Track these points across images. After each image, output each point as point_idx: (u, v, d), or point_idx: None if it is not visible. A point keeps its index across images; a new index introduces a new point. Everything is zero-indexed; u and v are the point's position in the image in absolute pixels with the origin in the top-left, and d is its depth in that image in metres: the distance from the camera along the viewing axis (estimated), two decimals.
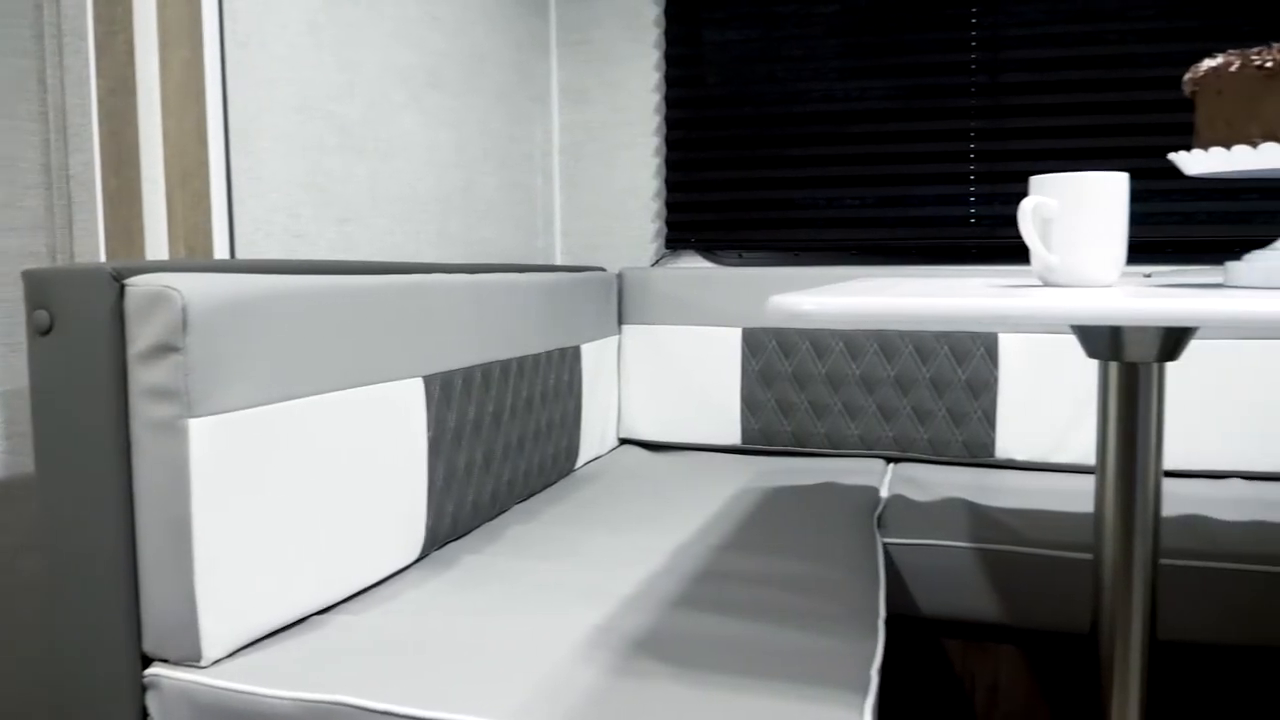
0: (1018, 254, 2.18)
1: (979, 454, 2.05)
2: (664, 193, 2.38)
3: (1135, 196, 2.11)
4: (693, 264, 2.39)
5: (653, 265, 2.39)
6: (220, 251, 1.37)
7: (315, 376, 1.17)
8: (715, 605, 1.19)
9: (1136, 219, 2.12)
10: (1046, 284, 1.13)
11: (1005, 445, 2.03)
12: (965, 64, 2.18)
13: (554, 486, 1.86)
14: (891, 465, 2.08)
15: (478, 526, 1.57)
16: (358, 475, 1.24)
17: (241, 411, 1.06)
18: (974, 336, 2.04)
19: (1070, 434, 1.99)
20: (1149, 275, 1.96)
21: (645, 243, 2.41)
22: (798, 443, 2.13)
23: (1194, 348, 1.94)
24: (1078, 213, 1.09)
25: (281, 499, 1.11)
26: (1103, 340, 1.16)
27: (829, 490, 1.78)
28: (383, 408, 1.29)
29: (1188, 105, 2.08)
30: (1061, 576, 1.51)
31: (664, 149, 2.38)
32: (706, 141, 2.33)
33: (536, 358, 1.77)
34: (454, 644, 1.08)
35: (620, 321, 2.25)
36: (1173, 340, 1.14)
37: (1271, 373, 1.91)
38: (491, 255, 2.14)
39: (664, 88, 2.37)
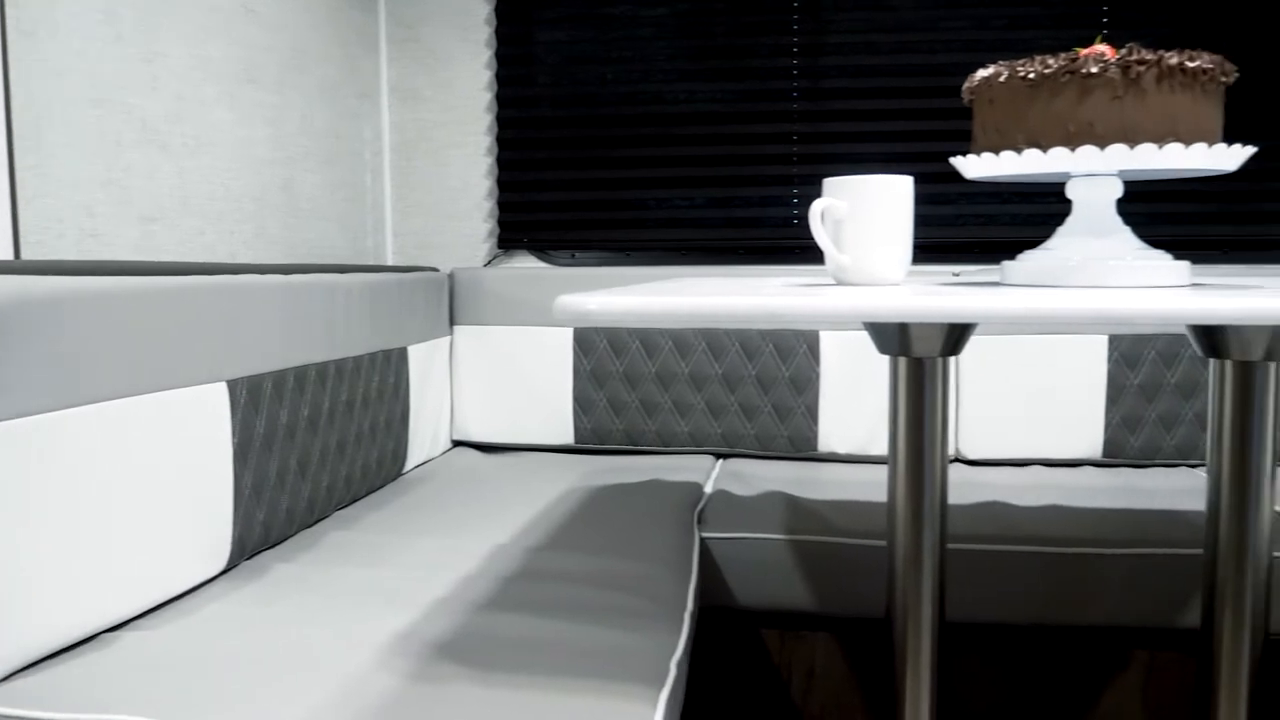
0: None
1: (803, 448, 2.11)
2: (496, 192, 2.37)
3: (941, 198, 2.21)
4: (525, 264, 2.39)
5: (485, 265, 2.38)
6: (2, 253, 1.30)
7: (105, 382, 1.12)
8: (523, 606, 1.19)
9: (947, 220, 2.22)
10: (840, 283, 1.17)
11: (827, 439, 2.10)
12: (788, 69, 2.24)
13: (379, 491, 1.83)
14: (720, 461, 2.12)
15: (293, 534, 1.53)
16: (154, 484, 1.19)
17: (21, 419, 1.01)
18: (797, 334, 2.10)
19: (884, 427, 2.07)
20: (957, 274, 2.06)
21: (478, 243, 2.39)
22: (630, 441, 2.16)
23: (997, 342, 2.05)
24: (865, 214, 1.13)
25: (66, 510, 1.06)
26: (891, 337, 1.21)
27: (654, 488, 1.81)
28: (181, 414, 1.24)
29: None
30: (869, 564, 1.57)
31: (496, 148, 2.37)
32: (539, 141, 2.33)
33: (358, 360, 1.74)
34: (248, 657, 1.06)
35: (452, 322, 2.23)
36: (955, 336, 1.20)
37: (1070, 365, 2.03)
38: (316, 255, 2.09)
39: (495, 87, 2.36)
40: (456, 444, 2.25)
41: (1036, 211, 2.20)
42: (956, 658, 1.62)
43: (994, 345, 2.05)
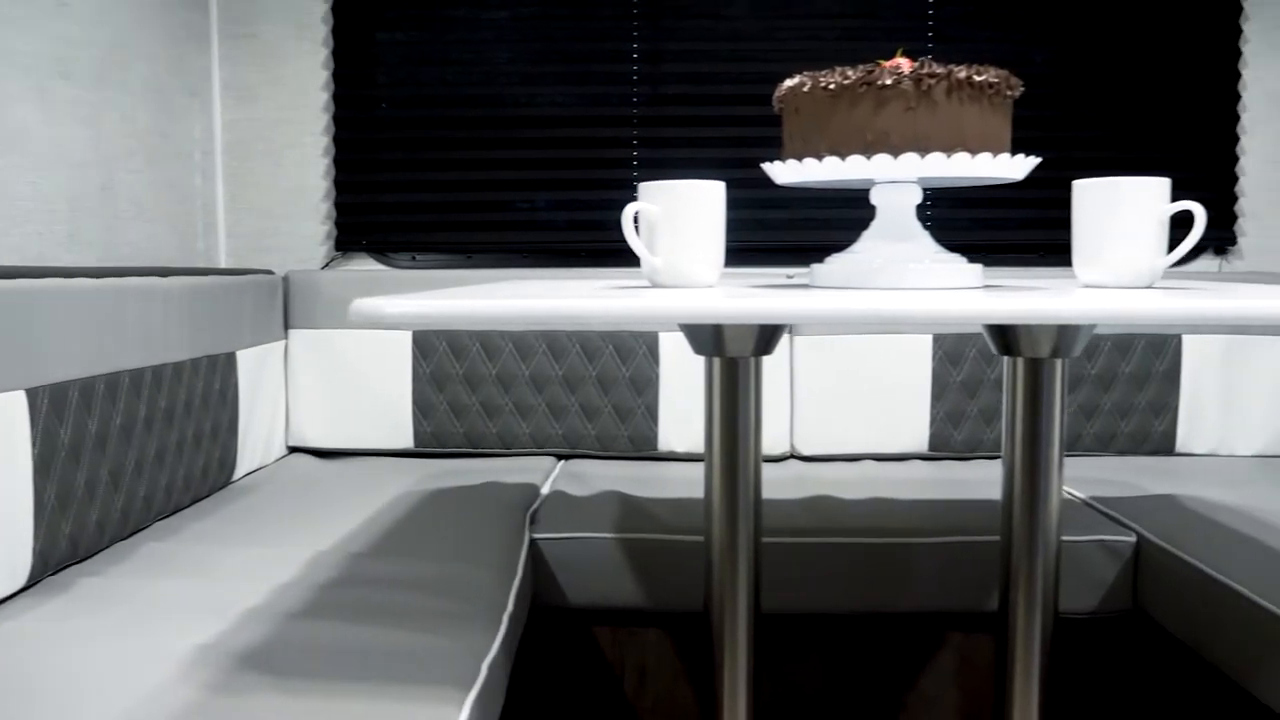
0: None
1: (643, 448, 2.13)
2: (334, 194, 2.32)
3: (773, 203, 2.26)
4: (365, 266, 2.35)
5: (323, 268, 2.33)
6: None
7: None
8: (335, 613, 1.17)
9: (774, 224, 2.28)
10: (655, 285, 1.19)
11: (667, 439, 2.13)
12: (628, 75, 2.26)
13: (205, 501, 1.77)
14: (561, 462, 2.13)
15: (106, 547, 1.47)
16: None
17: None
18: (636, 336, 2.12)
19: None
20: (791, 277, 2.12)
21: (316, 245, 2.34)
22: (471, 444, 2.15)
23: (829, 342, 2.11)
24: (677, 218, 1.16)
25: None
26: (706, 338, 1.24)
27: (489, 490, 1.80)
28: None
29: None
30: (697, 559, 1.60)
31: (334, 149, 2.32)
32: (378, 142, 2.30)
33: (179, 366, 1.68)
34: (41, 675, 1.01)
35: (287, 326, 2.18)
36: (767, 336, 1.24)
37: (897, 363, 2.11)
38: (140, 258, 2.01)
39: (333, 86, 2.31)
40: (292, 450, 2.20)
41: (854, 216, 2.27)
42: (782, 648, 1.67)
43: (826, 345, 2.12)
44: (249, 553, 1.43)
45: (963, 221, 2.28)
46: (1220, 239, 2.27)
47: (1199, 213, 1.13)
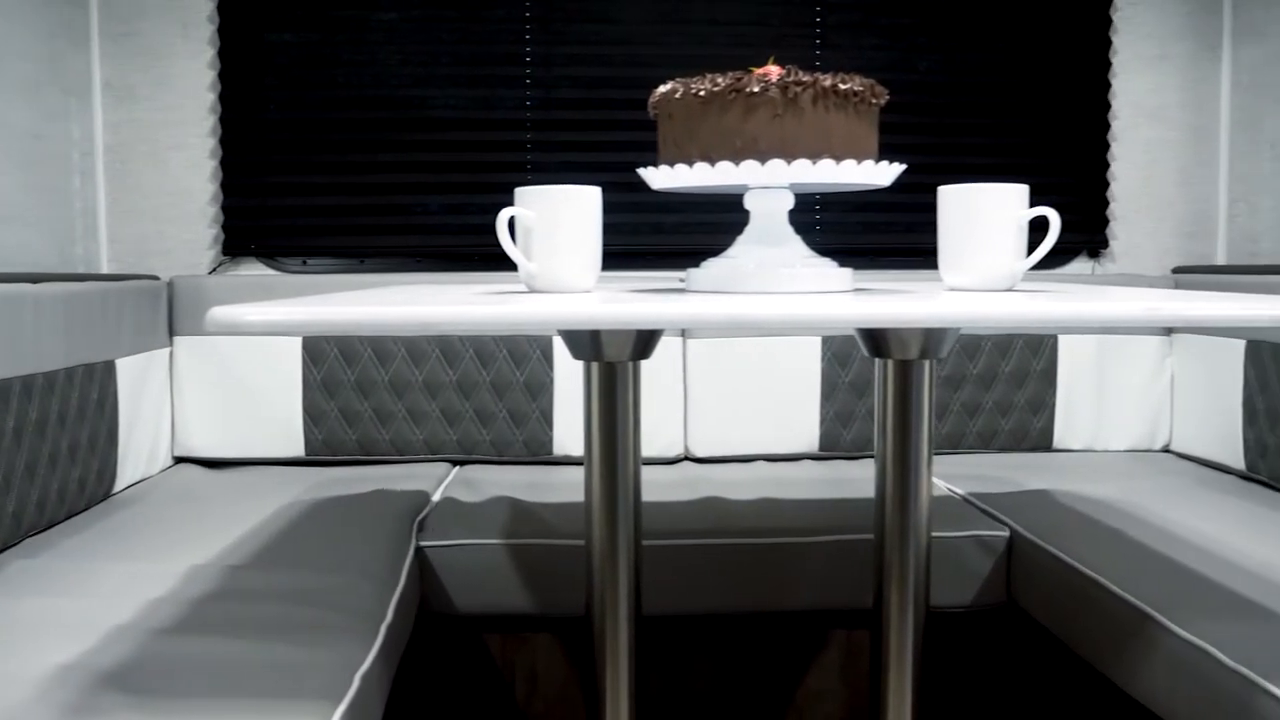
0: None
1: (539, 452, 2.13)
2: (221, 197, 2.27)
3: (657, 207, 2.28)
4: (254, 271, 2.30)
5: (210, 273, 2.28)
6: None
7: None
8: (207, 628, 1.15)
9: (670, 228, 2.30)
10: (531, 290, 1.20)
11: (562, 443, 2.13)
12: (521, 78, 2.26)
13: (82, 515, 1.72)
14: (456, 468, 2.12)
15: None
16: None
17: None
18: (530, 340, 2.12)
19: None
20: (684, 280, 2.14)
21: (203, 249, 2.29)
22: (363, 451, 2.12)
23: (721, 345, 2.14)
24: (554, 223, 1.16)
25: None
26: (584, 342, 1.24)
27: (378, 498, 1.78)
28: None
29: None
30: (584, 564, 1.61)
31: (221, 151, 2.27)
32: (267, 145, 2.26)
33: (51, 375, 1.63)
34: None
35: (172, 333, 2.12)
36: (644, 340, 1.25)
37: (787, 365, 2.15)
38: (13, 265, 1.94)
39: (220, 87, 2.26)
40: (179, 461, 2.14)
41: (741, 220, 2.29)
42: (671, 649, 1.68)
43: (719, 348, 2.14)
44: (122, 568, 1.39)
45: (853, 225, 2.33)
46: (1093, 243, 2.36)
47: (1054, 218, 1.17)
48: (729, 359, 2.15)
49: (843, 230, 2.32)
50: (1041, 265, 2.36)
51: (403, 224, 2.29)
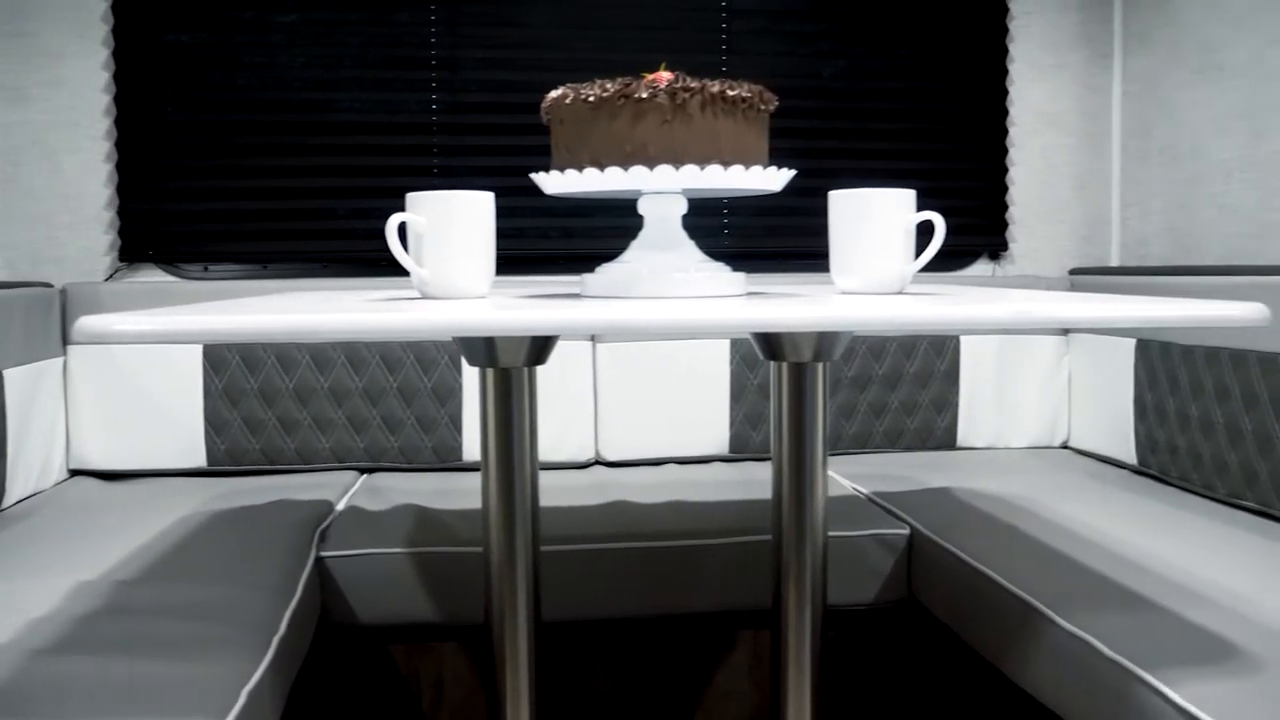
0: None
1: (448, 458, 2.12)
2: (118, 202, 2.21)
3: (565, 210, 2.28)
4: (153, 278, 2.25)
5: (106, 280, 2.22)
6: None
7: None
8: (89, 647, 1.12)
9: (579, 232, 2.30)
10: (425, 296, 1.19)
11: (471, 448, 2.12)
12: (427, 81, 2.24)
13: None
14: (363, 476, 2.09)
15: None
16: None
17: None
18: (438, 345, 2.11)
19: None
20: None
21: (99, 256, 2.22)
22: (268, 460, 2.08)
23: (631, 349, 2.14)
24: (445, 229, 1.15)
25: None
26: (479, 349, 1.24)
27: (280, 508, 1.75)
28: None
29: None
30: (444, 570, 1.60)
31: (117, 155, 2.21)
32: (165, 148, 2.20)
33: None
34: None
35: (65, 342, 2.06)
36: (539, 346, 1.25)
37: (697, 368, 2.16)
38: None
39: (114, 89, 2.20)
40: (75, 473, 2.08)
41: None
42: (578, 655, 1.68)
43: (629, 351, 2.15)
44: (3, 586, 1.35)
45: (759, 229, 2.35)
46: (993, 245, 2.42)
47: (939, 222, 1.20)
48: (639, 363, 2.16)
49: (750, 234, 2.35)
50: (944, 268, 2.42)
51: (307, 229, 2.25)
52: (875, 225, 1.21)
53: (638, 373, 2.15)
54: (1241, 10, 2.02)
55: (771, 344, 1.28)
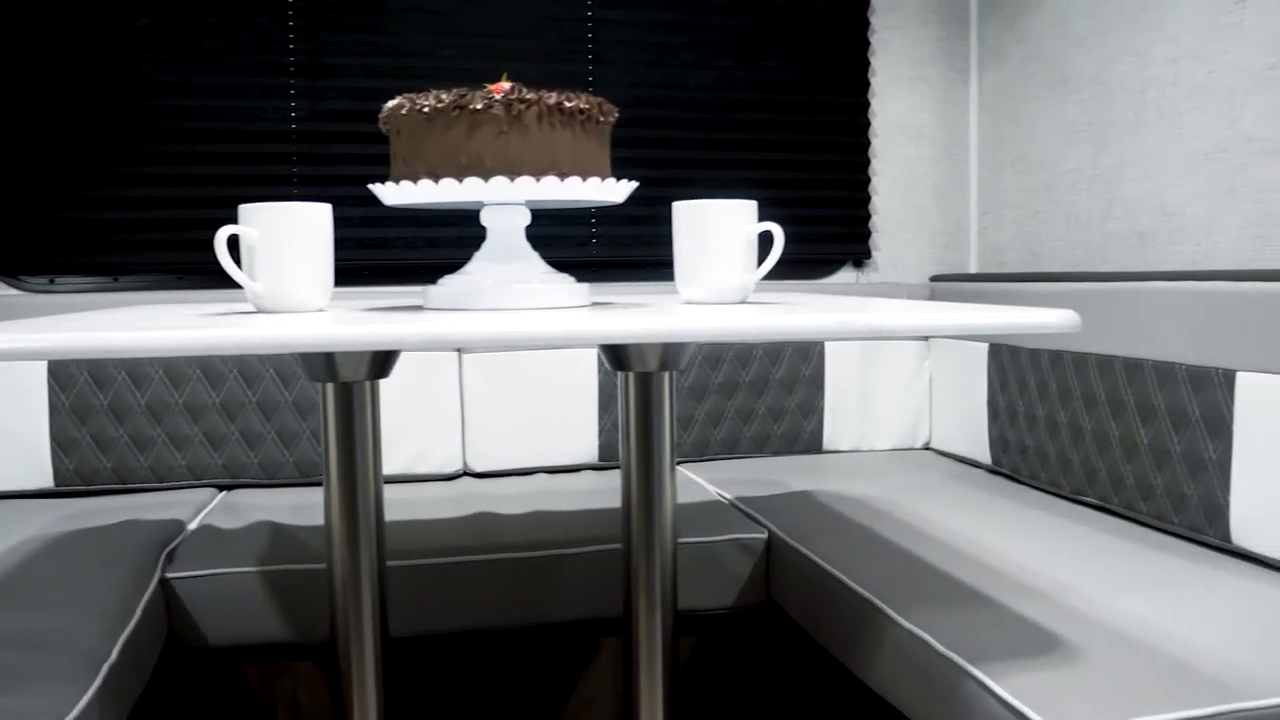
0: (339, 276, 2.25)
1: (310, 473, 2.07)
2: None
3: (421, 220, 2.26)
4: None
5: None
6: None
7: None
8: None
9: (444, 241, 2.28)
10: (260, 310, 1.16)
11: None
12: (285, 88, 2.20)
13: None
14: (222, 493, 2.03)
15: None
16: None
17: None
18: (297, 358, 2.05)
19: (391, 445, 2.09)
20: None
21: None
22: (120, 479, 2.01)
23: (496, 358, 2.13)
24: (280, 242, 1.13)
25: None
26: (318, 363, 1.21)
27: (127, 529, 1.69)
28: None
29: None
30: (296, 588, 1.56)
31: None
32: (7, 155, 2.11)
33: None
34: None
35: None
36: (382, 359, 1.23)
37: (565, 377, 2.16)
38: None
39: None
40: None
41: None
42: (439, 669, 1.66)
43: (495, 361, 2.13)
44: None
45: (626, 238, 2.36)
46: (857, 254, 2.48)
47: (777, 233, 1.22)
48: (506, 373, 2.14)
49: (618, 243, 2.36)
50: (810, 275, 2.47)
51: (161, 240, 2.18)
52: (717, 236, 1.23)
53: (505, 382, 2.14)
54: (1085, 29, 2.11)
55: (618, 354, 1.28)
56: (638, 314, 1.01)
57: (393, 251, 2.27)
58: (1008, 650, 1.14)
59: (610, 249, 2.35)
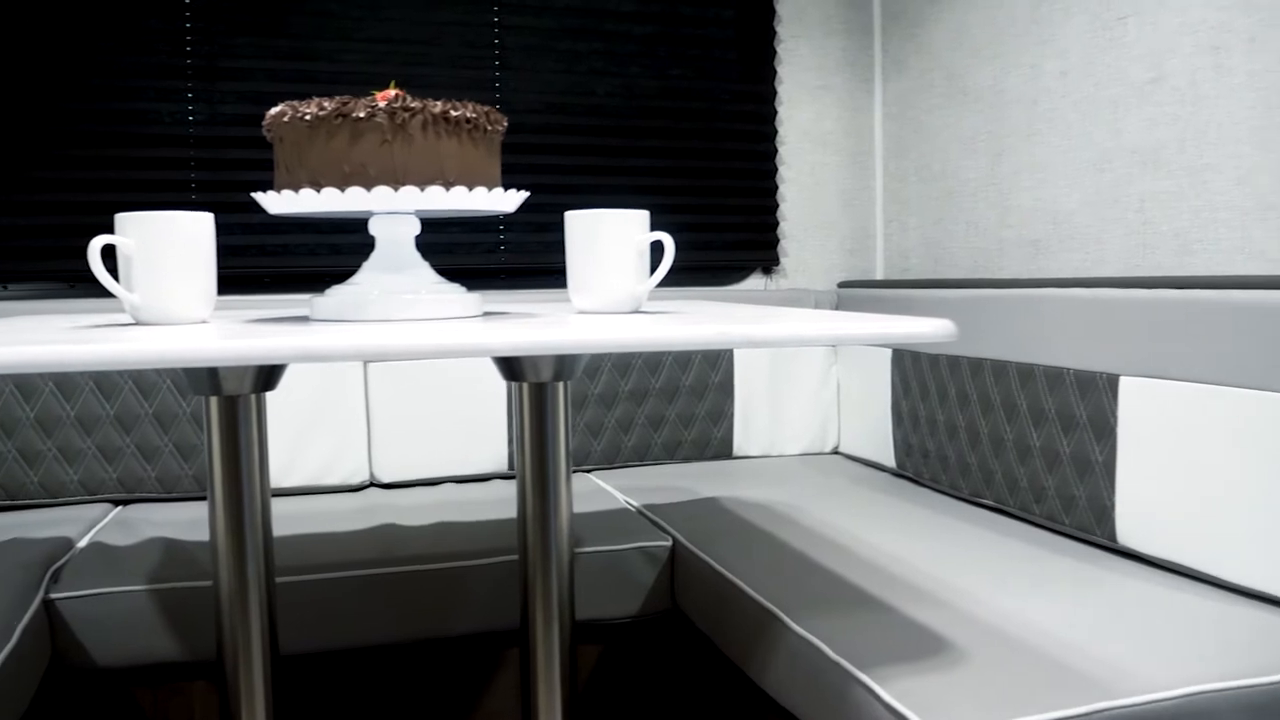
0: (242, 284, 2.21)
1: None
2: None
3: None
4: None
5: None
6: None
7: None
8: None
9: (352, 249, 2.25)
10: (139, 323, 1.13)
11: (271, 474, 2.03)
12: (182, 92, 2.14)
13: None
14: (117, 509, 1.97)
15: None
16: None
17: None
18: (180, 371, 2.01)
19: (299, 456, 2.05)
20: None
21: None
22: (8, 495, 1.94)
23: (401, 367, 2.11)
24: (157, 251, 1.10)
25: None
26: (201, 377, 1.19)
27: (10, 548, 1.63)
28: None
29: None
30: (187, 606, 1.53)
31: None
32: None
33: None
34: None
35: None
36: (268, 372, 1.21)
37: (472, 384, 2.14)
38: None
39: None
40: None
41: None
42: (339, 686, 1.63)
43: (401, 370, 2.11)
44: None
45: (535, 245, 2.35)
46: (766, 261, 2.50)
47: (668, 243, 1.23)
48: (413, 381, 2.12)
49: (527, 250, 2.35)
50: (719, 282, 2.48)
51: (53, 247, 2.11)
52: (607, 246, 1.23)
53: (411, 391, 2.12)
54: (980, 41, 2.15)
55: (511, 365, 1.28)
56: (524, 325, 1.00)
57: (296, 259, 2.23)
58: (896, 655, 1.16)
59: (520, 256, 2.34)
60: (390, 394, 2.11)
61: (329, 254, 2.24)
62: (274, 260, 2.21)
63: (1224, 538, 1.35)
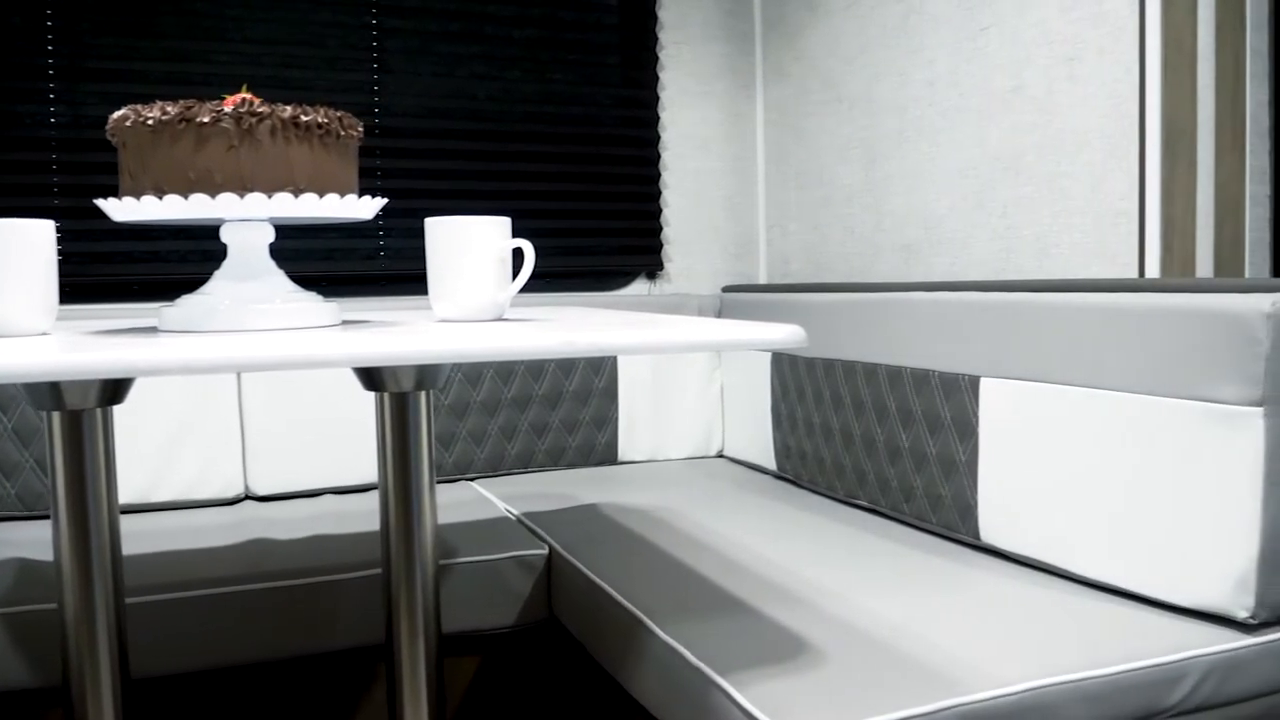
0: (102, 293, 2.14)
1: None
2: None
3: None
4: None
5: None
6: None
7: None
8: None
9: (215, 256, 2.19)
10: None
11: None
12: (44, 92, 2.06)
13: None
14: None
15: None
16: None
17: None
18: (20, 385, 1.93)
19: (165, 469, 1.99)
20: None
21: None
22: None
23: (276, 377, 2.06)
24: None
25: None
26: (42, 391, 1.14)
27: None
28: None
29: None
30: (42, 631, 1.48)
31: None
32: None
33: None
34: None
35: None
36: (114, 385, 1.17)
37: (350, 393, 2.10)
38: None
39: None
40: None
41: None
42: (201, 709, 1.59)
43: (276, 380, 2.06)
44: None
45: (419, 250, 2.32)
46: (650, 266, 2.51)
47: (528, 250, 1.22)
48: (288, 390, 2.07)
49: (407, 256, 2.32)
50: (603, 288, 2.48)
51: None
52: (467, 253, 1.22)
53: (287, 400, 2.07)
54: (853, 49, 2.20)
55: (371, 375, 1.26)
56: (377, 335, 0.99)
57: (156, 265, 2.16)
58: (755, 659, 1.17)
59: (400, 262, 2.31)
60: (265, 403, 2.06)
61: (200, 260, 2.18)
62: (140, 267, 2.14)
63: (1078, 534, 1.40)
